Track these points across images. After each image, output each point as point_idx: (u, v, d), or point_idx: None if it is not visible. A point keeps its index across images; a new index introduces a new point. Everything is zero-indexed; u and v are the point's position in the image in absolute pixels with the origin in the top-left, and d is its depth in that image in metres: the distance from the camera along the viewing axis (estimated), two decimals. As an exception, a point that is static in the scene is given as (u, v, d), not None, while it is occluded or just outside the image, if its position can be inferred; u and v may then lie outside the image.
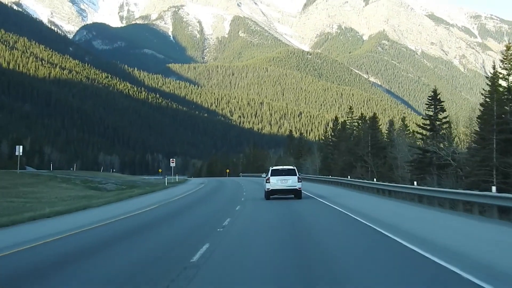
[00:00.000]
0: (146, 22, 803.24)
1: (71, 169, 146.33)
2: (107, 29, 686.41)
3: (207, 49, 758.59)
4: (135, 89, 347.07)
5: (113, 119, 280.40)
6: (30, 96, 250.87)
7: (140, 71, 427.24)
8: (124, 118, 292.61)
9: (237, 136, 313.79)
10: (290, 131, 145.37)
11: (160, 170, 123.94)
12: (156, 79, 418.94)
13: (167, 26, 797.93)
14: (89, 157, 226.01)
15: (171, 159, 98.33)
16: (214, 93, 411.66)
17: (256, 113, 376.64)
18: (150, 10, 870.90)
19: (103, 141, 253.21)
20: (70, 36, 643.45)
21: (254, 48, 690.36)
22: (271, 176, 35.01)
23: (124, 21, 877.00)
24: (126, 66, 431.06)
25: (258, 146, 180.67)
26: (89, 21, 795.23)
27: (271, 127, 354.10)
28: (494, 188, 23.51)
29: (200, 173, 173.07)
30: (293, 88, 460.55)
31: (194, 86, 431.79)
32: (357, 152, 71.58)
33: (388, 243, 15.14)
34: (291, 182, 34.63)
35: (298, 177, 35.18)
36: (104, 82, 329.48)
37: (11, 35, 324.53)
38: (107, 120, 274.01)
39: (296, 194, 35.17)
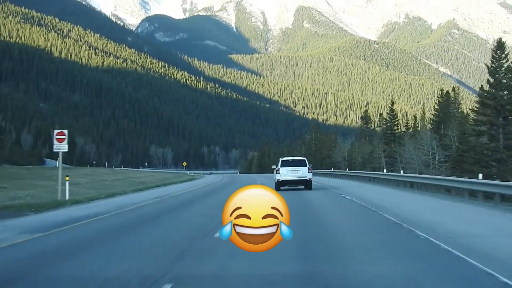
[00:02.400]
0: (208, 14, 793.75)
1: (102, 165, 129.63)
2: (169, 21, 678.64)
3: (271, 40, 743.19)
4: (193, 78, 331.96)
5: (168, 109, 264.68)
6: (80, 86, 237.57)
7: (200, 61, 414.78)
8: (180, 108, 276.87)
9: (300, 127, 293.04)
10: (363, 117, 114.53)
11: (184, 164, 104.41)
12: (217, 69, 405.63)
13: (230, 17, 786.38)
14: (139, 149, 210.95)
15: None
16: (277, 84, 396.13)
17: (321, 104, 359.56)
18: (213, 1, 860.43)
19: (156, 132, 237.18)
20: (133, 28, 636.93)
21: (318, 38, 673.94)
22: (281, 167, 34.19)
23: (187, 13, 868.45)
24: (186, 56, 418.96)
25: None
26: (152, 14, 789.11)
27: (336, 118, 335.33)
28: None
29: (250, 166, 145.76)
30: (360, 78, 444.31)
31: (256, 76, 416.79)
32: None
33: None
34: (301, 173, 33.95)
35: (308, 167, 34.53)
36: (160, 72, 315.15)
37: (65, 23, 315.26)
38: (161, 110, 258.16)
39: (306, 185, 34.30)
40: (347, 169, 69.80)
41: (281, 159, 35.81)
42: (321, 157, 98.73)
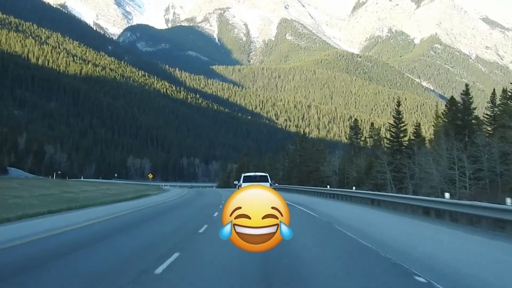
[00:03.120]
0: (191, 25, 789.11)
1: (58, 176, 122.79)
2: (151, 31, 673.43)
3: (253, 52, 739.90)
4: (174, 88, 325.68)
5: (147, 119, 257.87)
6: (56, 93, 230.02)
7: (181, 71, 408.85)
8: (160, 118, 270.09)
9: (282, 139, 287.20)
10: (352, 127, 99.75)
11: (150, 176, 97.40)
12: (198, 80, 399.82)
13: (212, 28, 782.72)
14: (116, 159, 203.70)
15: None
16: (259, 95, 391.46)
17: (303, 117, 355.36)
18: (195, 12, 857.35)
19: (134, 142, 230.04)
20: (115, 38, 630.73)
21: (301, 51, 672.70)
22: (243, 182, 32.90)
23: (169, 24, 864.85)
24: (167, 66, 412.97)
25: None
26: (134, 24, 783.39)
27: (319, 131, 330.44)
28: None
29: (228, 179, 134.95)
30: (342, 91, 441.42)
31: (238, 88, 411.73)
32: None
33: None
34: None
35: (270, 183, 33.44)
36: (140, 81, 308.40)
37: (43, 30, 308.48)
38: (140, 120, 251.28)
39: None
40: (338, 186, 62.24)
41: (243, 175, 35.00)
42: (308, 170, 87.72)
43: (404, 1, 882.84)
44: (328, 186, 60.35)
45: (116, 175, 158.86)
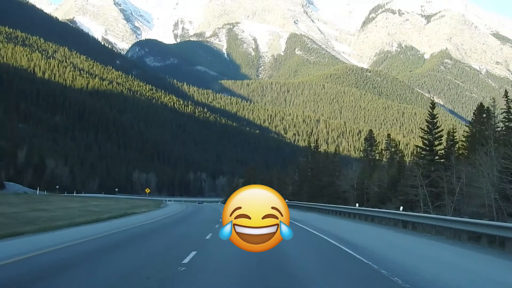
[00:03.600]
0: (200, 39, 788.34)
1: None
2: (160, 46, 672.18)
3: (262, 67, 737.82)
4: (181, 102, 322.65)
5: (154, 133, 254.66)
6: (62, 107, 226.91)
7: (189, 86, 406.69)
8: (166, 132, 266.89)
9: (291, 154, 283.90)
10: (367, 139, 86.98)
11: (147, 190, 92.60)
12: (206, 94, 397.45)
13: (221, 43, 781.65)
14: (122, 174, 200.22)
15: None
16: (267, 110, 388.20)
17: (312, 131, 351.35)
18: (204, 27, 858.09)
19: (140, 157, 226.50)
20: (123, 53, 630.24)
21: (310, 66, 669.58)
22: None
23: (178, 39, 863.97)
24: (175, 80, 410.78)
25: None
26: (142, 39, 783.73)
27: (328, 146, 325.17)
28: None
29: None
30: (352, 106, 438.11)
31: (247, 102, 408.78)
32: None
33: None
34: None
35: None
36: (147, 95, 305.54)
37: (50, 44, 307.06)
38: (146, 134, 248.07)
39: None
40: (357, 204, 52.56)
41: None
42: (321, 185, 78.40)
43: (414, 16, 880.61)
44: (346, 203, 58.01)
45: (116, 190, 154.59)
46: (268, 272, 13.02)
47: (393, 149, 69.27)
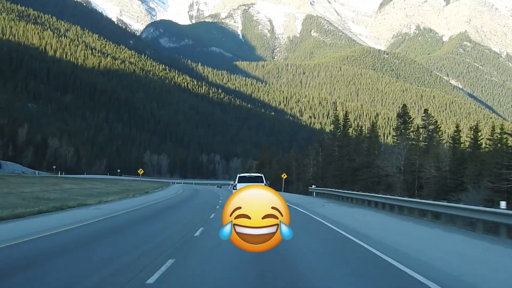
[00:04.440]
0: (215, 21, 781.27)
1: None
2: (174, 27, 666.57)
3: (278, 49, 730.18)
4: (195, 83, 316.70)
5: (166, 113, 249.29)
6: (72, 86, 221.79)
7: (204, 66, 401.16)
8: (179, 113, 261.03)
9: (306, 137, 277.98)
10: (400, 114, 68.77)
11: (141, 171, 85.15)
12: (221, 75, 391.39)
13: (236, 24, 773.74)
14: (132, 155, 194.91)
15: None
16: (283, 92, 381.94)
17: (328, 113, 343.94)
18: (219, 8, 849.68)
19: (151, 138, 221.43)
20: (138, 34, 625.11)
21: (326, 48, 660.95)
22: (238, 183, 33.74)
23: (193, 20, 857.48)
24: (189, 61, 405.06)
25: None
26: (157, 20, 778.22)
27: (341, 130, 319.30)
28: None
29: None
30: (369, 89, 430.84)
31: (262, 83, 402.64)
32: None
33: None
34: None
35: (265, 184, 32.09)
36: (160, 75, 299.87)
37: (63, 22, 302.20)
38: (158, 114, 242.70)
39: None
40: (405, 190, 43.66)
41: (238, 175, 35.44)
42: (353, 167, 61.54)
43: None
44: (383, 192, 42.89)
45: (119, 171, 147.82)
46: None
47: (431, 127, 58.93)
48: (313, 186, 59.11)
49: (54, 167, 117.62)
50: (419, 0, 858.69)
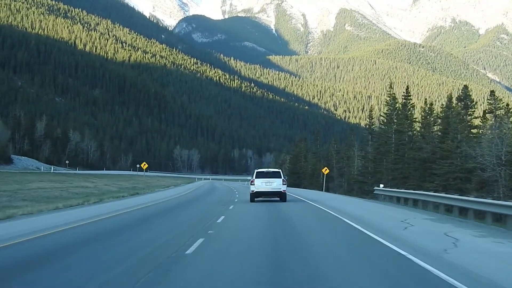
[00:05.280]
0: (248, 15, 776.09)
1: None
2: (207, 22, 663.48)
3: (311, 43, 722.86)
4: (227, 76, 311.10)
5: (197, 107, 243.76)
6: (101, 80, 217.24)
7: (236, 60, 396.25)
8: (211, 107, 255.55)
9: (341, 131, 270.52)
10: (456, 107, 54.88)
11: (144, 166, 77.60)
12: (254, 69, 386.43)
13: (269, 19, 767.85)
14: (162, 150, 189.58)
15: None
16: (316, 86, 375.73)
17: (363, 108, 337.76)
18: (253, 3, 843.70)
19: (182, 132, 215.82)
20: (171, 29, 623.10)
21: (361, 41, 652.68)
22: (255, 178, 33.38)
23: (226, 15, 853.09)
24: (221, 55, 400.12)
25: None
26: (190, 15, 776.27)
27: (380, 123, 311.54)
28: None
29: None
30: (404, 82, 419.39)
31: (295, 78, 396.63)
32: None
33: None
34: (275, 184, 33.25)
35: (283, 179, 33.57)
36: (192, 68, 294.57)
37: (93, 16, 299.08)
38: (189, 108, 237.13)
39: (281, 196, 33.63)
40: None
41: (256, 171, 35.24)
42: (421, 158, 47.35)
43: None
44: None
45: (138, 166, 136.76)
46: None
47: (500, 112, 44.54)
48: (380, 185, 36.70)
49: (67, 161, 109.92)
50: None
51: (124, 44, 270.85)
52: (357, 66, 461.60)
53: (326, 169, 66.78)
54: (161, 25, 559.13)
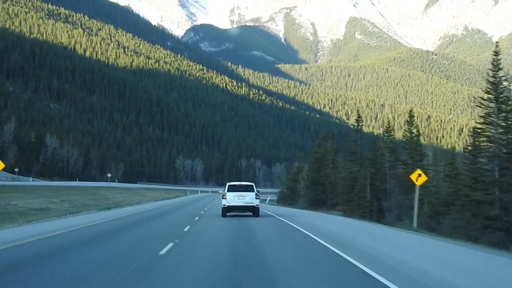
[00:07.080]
0: (256, 24, 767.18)
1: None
2: (215, 30, 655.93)
3: (321, 52, 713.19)
4: (234, 83, 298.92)
5: (203, 115, 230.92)
6: (100, 86, 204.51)
7: (244, 68, 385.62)
8: (217, 114, 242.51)
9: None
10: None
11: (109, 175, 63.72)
12: (262, 77, 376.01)
13: (278, 28, 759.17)
14: (163, 160, 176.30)
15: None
16: (327, 94, 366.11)
17: (377, 116, 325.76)
18: (261, 12, 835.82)
19: (185, 141, 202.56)
20: (178, 39, 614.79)
21: (371, 50, 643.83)
22: (227, 192, 31.24)
23: (234, 25, 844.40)
24: (229, 63, 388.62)
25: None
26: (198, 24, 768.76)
27: (394, 132, 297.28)
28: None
29: (295, 184, 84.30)
30: (418, 90, 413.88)
31: (305, 86, 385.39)
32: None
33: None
34: (248, 198, 31.18)
35: (255, 193, 31.52)
36: (197, 75, 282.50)
37: (95, 22, 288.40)
38: (194, 115, 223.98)
39: (253, 211, 31.57)
40: None
41: (228, 184, 32.73)
42: None
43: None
44: None
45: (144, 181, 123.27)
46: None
47: None
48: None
49: (16, 170, 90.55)
50: (466, 0, 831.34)
51: (126, 49, 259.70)
52: (368, 75, 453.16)
53: (421, 175, 30.74)
54: (167, 33, 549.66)
